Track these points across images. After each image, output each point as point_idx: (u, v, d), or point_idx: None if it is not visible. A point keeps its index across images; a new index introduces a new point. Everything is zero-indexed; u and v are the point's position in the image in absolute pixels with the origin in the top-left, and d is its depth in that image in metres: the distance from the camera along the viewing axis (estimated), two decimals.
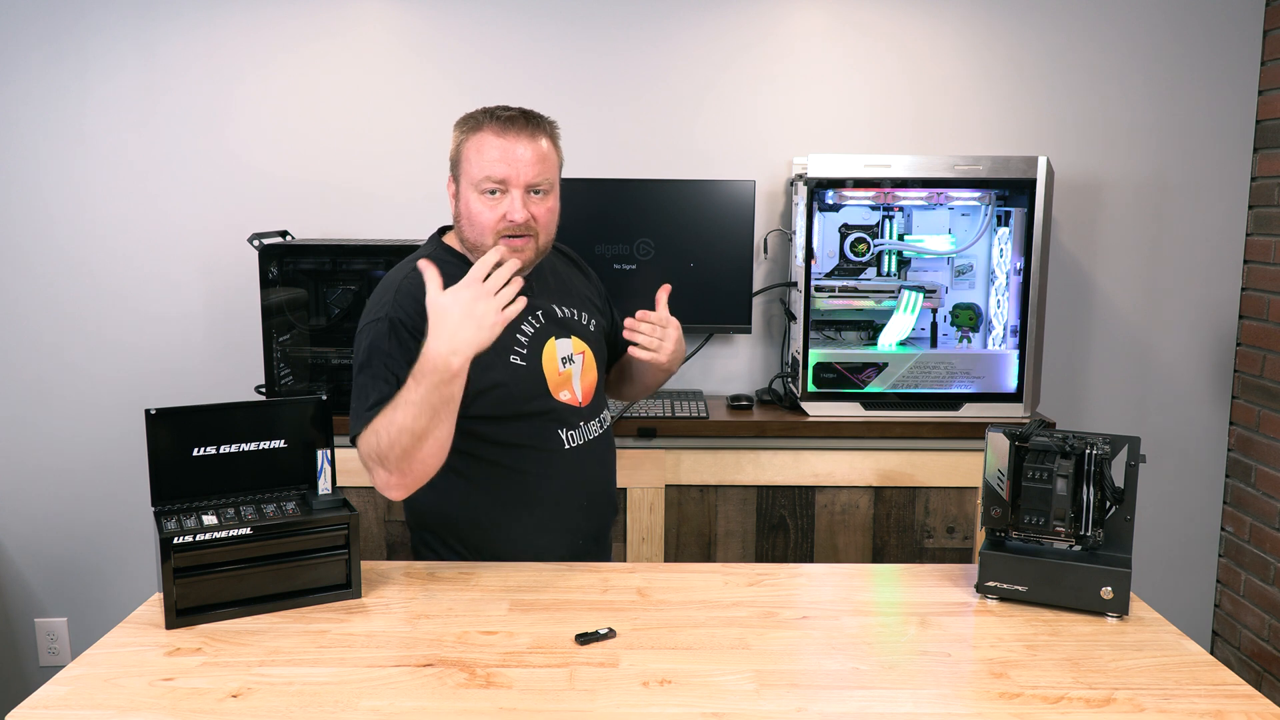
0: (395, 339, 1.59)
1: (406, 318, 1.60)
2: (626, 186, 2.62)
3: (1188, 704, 1.25)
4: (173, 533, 1.45)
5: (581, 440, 1.73)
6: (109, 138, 2.69)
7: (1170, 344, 2.85)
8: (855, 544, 2.50)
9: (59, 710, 1.23)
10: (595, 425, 1.76)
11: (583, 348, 1.75)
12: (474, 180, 1.62)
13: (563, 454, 1.71)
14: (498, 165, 1.60)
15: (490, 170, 1.60)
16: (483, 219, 1.62)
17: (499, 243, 1.62)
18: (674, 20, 2.70)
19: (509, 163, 1.60)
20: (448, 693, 1.26)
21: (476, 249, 1.64)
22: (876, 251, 2.57)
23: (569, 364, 1.72)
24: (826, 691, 1.27)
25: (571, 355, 1.73)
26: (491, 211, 1.61)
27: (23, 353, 2.76)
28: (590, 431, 1.75)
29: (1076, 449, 1.52)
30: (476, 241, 1.64)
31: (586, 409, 1.75)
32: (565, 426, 1.71)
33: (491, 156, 1.60)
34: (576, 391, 1.73)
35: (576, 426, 1.72)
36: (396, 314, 1.60)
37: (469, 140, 1.63)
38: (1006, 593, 1.55)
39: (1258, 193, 2.77)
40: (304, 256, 2.44)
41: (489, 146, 1.60)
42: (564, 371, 1.71)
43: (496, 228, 1.61)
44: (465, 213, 1.64)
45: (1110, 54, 2.73)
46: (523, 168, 1.60)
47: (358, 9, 2.68)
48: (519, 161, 1.60)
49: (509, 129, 1.61)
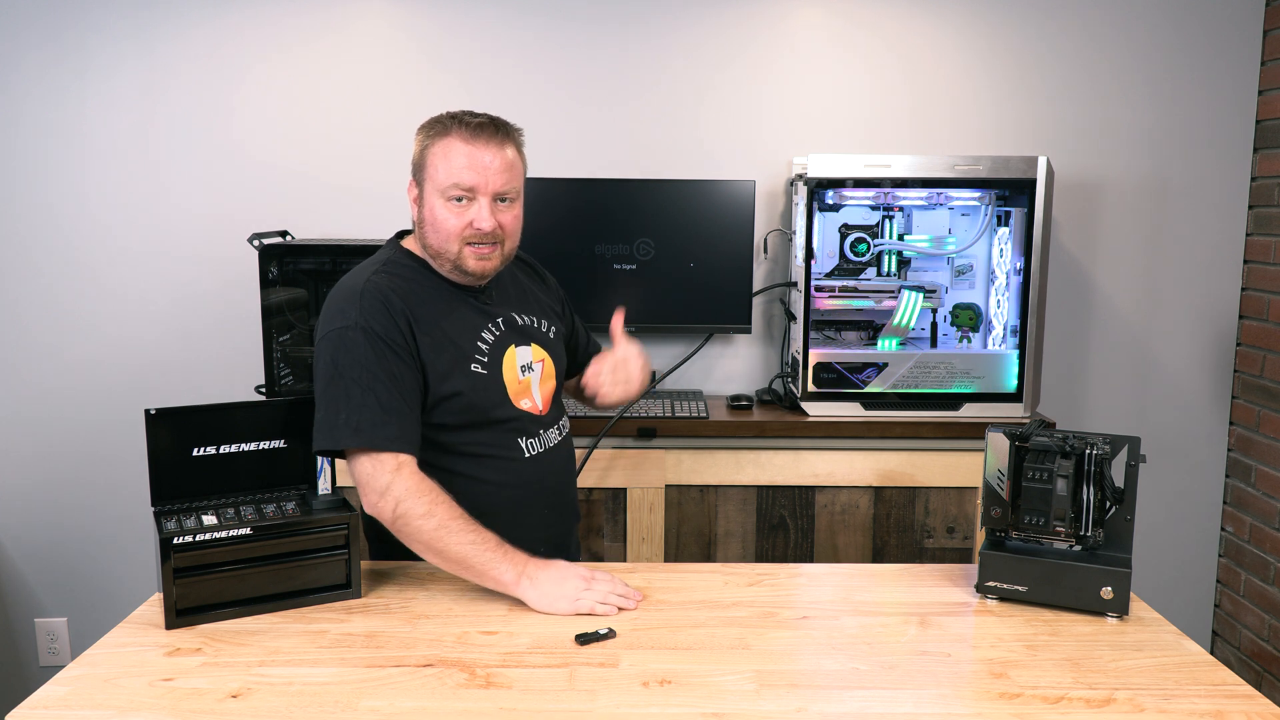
0: (372, 349, 1.55)
1: (379, 327, 1.56)
2: (626, 186, 2.62)
3: (1188, 704, 1.25)
4: (173, 533, 1.45)
5: (541, 448, 1.70)
6: (109, 137, 2.69)
7: (1170, 344, 2.85)
8: (855, 544, 2.50)
9: (59, 710, 1.23)
10: (554, 433, 1.74)
11: (542, 355, 1.73)
12: (440, 187, 1.59)
13: (523, 462, 1.68)
14: (466, 173, 1.57)
15: (458, 177, 1.57)
16: (448, 226, 1.60)
17: (464, 250, 1.60)
18: (674, 20, 2.70)
19: (477, 170, 1.58)
20: (448, 693, 1.26)
21: (439, 255, 1.63)
22: (876, 251, 2.57)
23: (528, 372, 1.70)
24: (826, 691, 1.27)
25: (531, 363, 1.71)
26: (458, 219, 1.59)
27: (23, 352, 2.76)
28: (550, 439, 1.72)
29: (1076, 449, 1.52)
30: (440, 247, 1.62)
31: (546, 417, 1.72)
32: (525, 435, 1.68)
33: (459, 164, 1.57)
34: (536, 399, 1.71)
35: (536, 435, 1.70)
36: (368, 323, 1.55)
37: (434, 145, 1.60)
38: (1006, 593, 1.55)
39: (1258, 193, 2.77)
40: (304, 256, 2.44)
41: (456, 153, 1.58)
42: (523, 379, 1.69)
43: (462, 234, 1.60)
44: (430, 219, 1.62)
45: (1110, 54, 2.73)
46: (491, 176, 1.58)
47: (358, 8, 2.68)
48: (487, 169, 1.58)
49: (478, 136, 1.58)
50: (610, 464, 2.44)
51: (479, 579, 1.54)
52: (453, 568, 1.54)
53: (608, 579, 1.54)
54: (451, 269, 1.64)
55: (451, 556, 1.53)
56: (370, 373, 1.54)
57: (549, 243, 2.59)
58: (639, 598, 1.54)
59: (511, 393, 1.67)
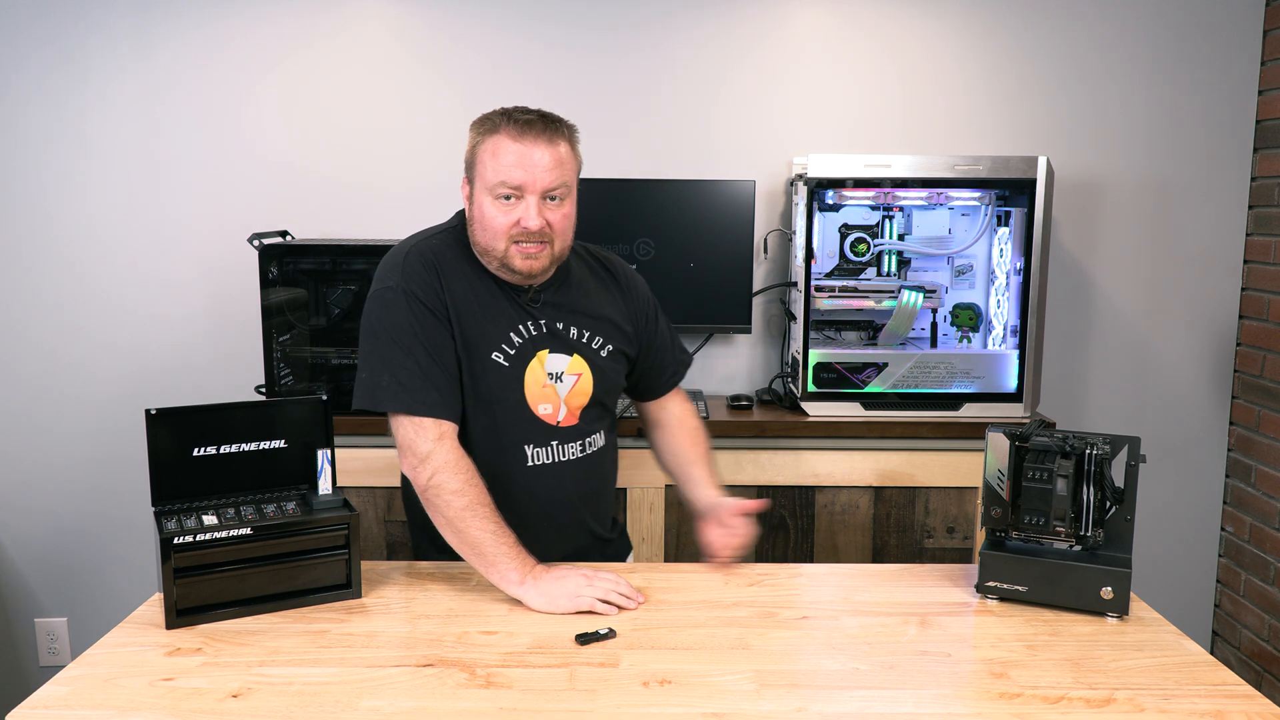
0: (411, 312, 1.57)
1: (420, 291, 1.57)
2: (626, 186, 2.62)
3: (1188, 704, 1.25)
4: (173, 533, 1.45)
5: (548, 460, 1.66)
6: (109, 137, 2.69)
7: (1170, 344, 2.85)
8: (855, 544, 2.50)
9: (59, 710, 1.23)
10: (575, 448, 1.68)
11: (581, 368, 1.67)
12: (489, 185, 1.57)
13: (523, 469, 1.65)
14: (513, 171, 1.55)
15: (506, 175, 1.55)
16: (496, 224, 1.57)
17: (511, 248, 1.58)
18: (675, 20, 2.70)
19: (525, 168, 1.55)
20: (448, 693, 1.26)
21: (488, 253, 1.61)
22: (876, 251, 2.57)
23: (556, 380, 1.65)
24: (826, 691, 1.27)
25: (562, 373, 1.66)
26: (505, 217, 1.57)
27: (23, 352, 2.76)
28: (564, 453, 1.67)
29: (1076, 449, 1.52)
30: (488, 245, 1.60)
31: (567, 430, 1.67)
32: (533, 442, 1.65)
33: (507, 161, 1.55)
34: (559, 410, 1.66)
35: (546, 444, 1.65)
36: (409, 286, 1.57)
37: (485, 143, 1.58)
38: (1006, 593, 1.55)
39: (1258, 193, 2.77)
40: (304, 256, 2.44)
41: (505, 151, 1.55)
42: (548, 386, 1.65)
43: (510, 233, 1.57)
44: (479, 216, 1.60)
45: (1110, 54, 2.73)
46: (539, 173, 1.55)
47: (358, 9, 2.68)
48: (535, 167, 1.55)
49: (526, 133, 1.55)
50: None
51: (485, 569, 1.54)
52: (464, 549, 1.55)
53: (610, 578, 1.54)
54: (499, 267, 1.62)
55: (469, 539, 1.53)
56: (412, 335, 1.56)
57: None
58: (640, 599, 1.54)
59: (530, 395, 1.64)
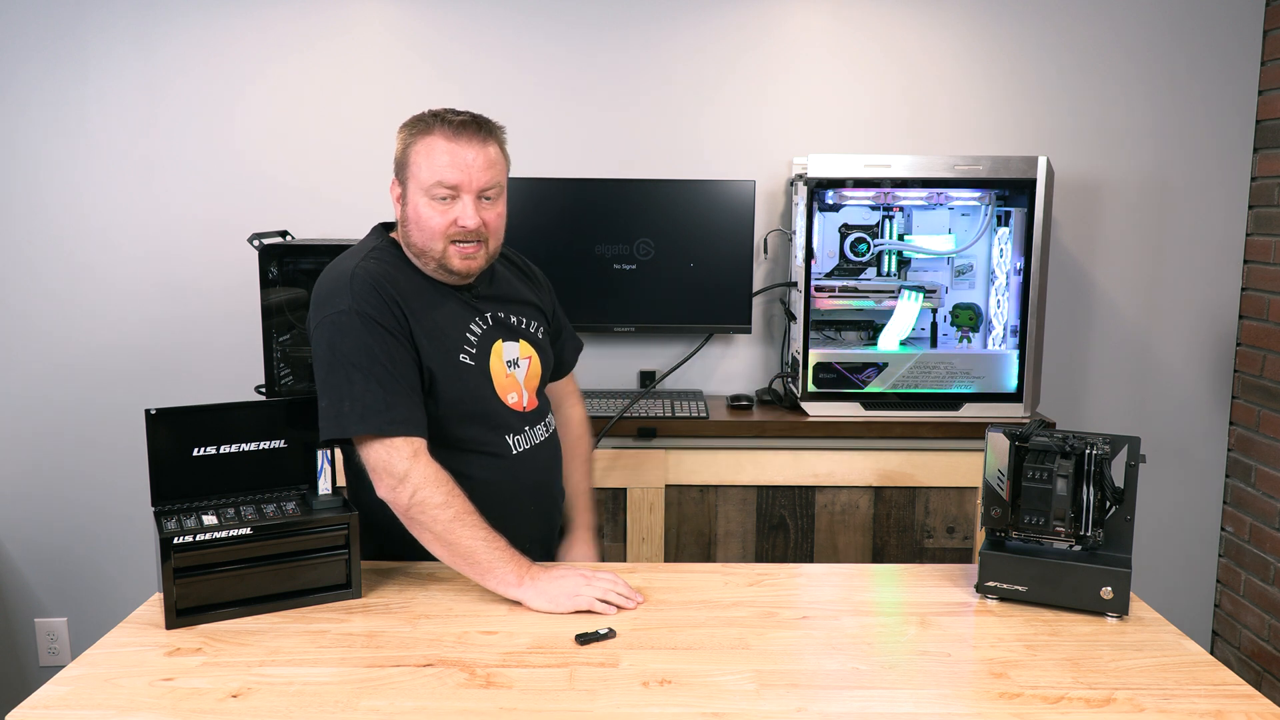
0: (368, 332, 1.55)
1: (374, 311, 1.56)
2: (626, 186, 2.62)
3: (1188, 704, 1.25)
4: (173, 533, 1.45)
5: (527, 445, 1.70)
6: (109, 138, 2.69)
7: (1170, 344, 2.85)
8: (855, 544, 2.50)
9: (59, 710, 1.23)
10: (541, 429, 1.74)
11: (529, 352, 1.73)
12: (424, 185, 1.58)
13: (510, 459, 1.68)
14: (449, 171, 1.57)
15: (442, 175, 1.57)
16: (433, 224, 1.59)
17: (449, 249, 1.60)
18: (675, 19, 2.70)
19: (460, 168, 1.57)
20: (448, 693, 1.26)
21: (424, 253, 1.62)
22: (876, 251, 2.57)
23: (514, 367, 1.70)
24: (826, 691, 1.27)
25: (517, 359, 1.71)
26: (442, 217, 1.59)
27: (23, 352, 2.76)
28: (535, 436, 1.72)
29: (1076, 449, 1.52)
30: (425, 246, 1.61)
31: (532, 413, 1.72)
32: (511, 431, 1.68)
33: (442, 162, 1.57)
34: (523, 395, 1.71)
35: (522, 431, 1.70)
36: (361, 307, 1.55)
37: (417, 143, 1.60)
38: (1006, 593, 1.55)
39: (1258, 193, 2.77)
40: (304, 256, 2.44)
41: (439, 151, 1.57)
42: (510, 374, 1.69)
43: (447, 233, 1.59)
44: (414, 217, 1.61)
45: (1110, 54, 2.73)
46: (475, 173, 1.58)
47: (358, 9, 2.68)
48: (470, 167, 1.57)
49: (460, 134, 1.58)
50: (610, 464, 2.44)
51: (481, 576, 1.54)
52: (457, 561, 1.54)
53: (608, 577, 1.54)
54: (436, 268, 1.63)
55: (461, 550, 1.53)
56: (370, 356, 1.54)
57: (549, 243, 2.59)
58: (640, 599, 1.54)
59: (498, 387, 1.67)
